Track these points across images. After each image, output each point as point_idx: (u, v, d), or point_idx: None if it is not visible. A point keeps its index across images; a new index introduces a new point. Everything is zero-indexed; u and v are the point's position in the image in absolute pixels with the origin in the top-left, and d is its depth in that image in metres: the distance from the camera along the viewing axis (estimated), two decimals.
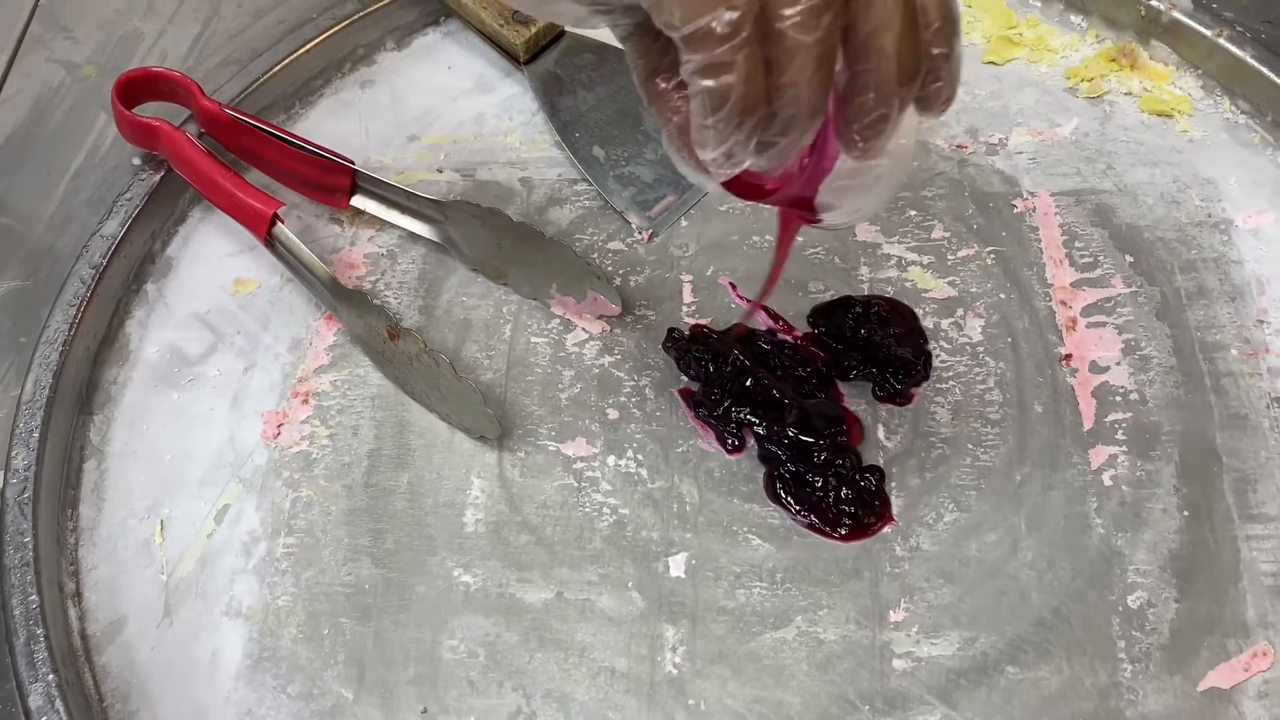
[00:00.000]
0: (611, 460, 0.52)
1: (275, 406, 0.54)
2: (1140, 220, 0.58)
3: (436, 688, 0.47)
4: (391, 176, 0.58)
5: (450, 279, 0.58)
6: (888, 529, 0.49)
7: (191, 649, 0.48)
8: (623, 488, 0.51)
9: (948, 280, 0.56)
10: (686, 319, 0.55)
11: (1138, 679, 0.45)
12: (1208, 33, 0.62)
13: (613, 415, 0.53)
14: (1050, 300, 0.55)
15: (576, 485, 0.51)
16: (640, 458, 0.52)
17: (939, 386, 0.53)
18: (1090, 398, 0.52)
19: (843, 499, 0.49)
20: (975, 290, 0.56)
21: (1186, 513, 0.49)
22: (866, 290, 0.56)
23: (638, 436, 0.52)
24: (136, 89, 0.59)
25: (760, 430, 0.51)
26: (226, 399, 0.54)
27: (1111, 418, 0.52)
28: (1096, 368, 0.53)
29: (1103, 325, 0.55)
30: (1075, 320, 0.55)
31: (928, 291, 0.56)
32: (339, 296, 0.55)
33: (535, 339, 0.55)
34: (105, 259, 0.56)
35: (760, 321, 0.55)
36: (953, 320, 0.55)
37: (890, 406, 0.52)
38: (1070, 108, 0.62)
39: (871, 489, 0.50)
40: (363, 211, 0.59)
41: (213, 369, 0.55)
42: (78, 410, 0.54)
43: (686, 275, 0.57)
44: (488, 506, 0.51)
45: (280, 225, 0.55)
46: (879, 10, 0.33)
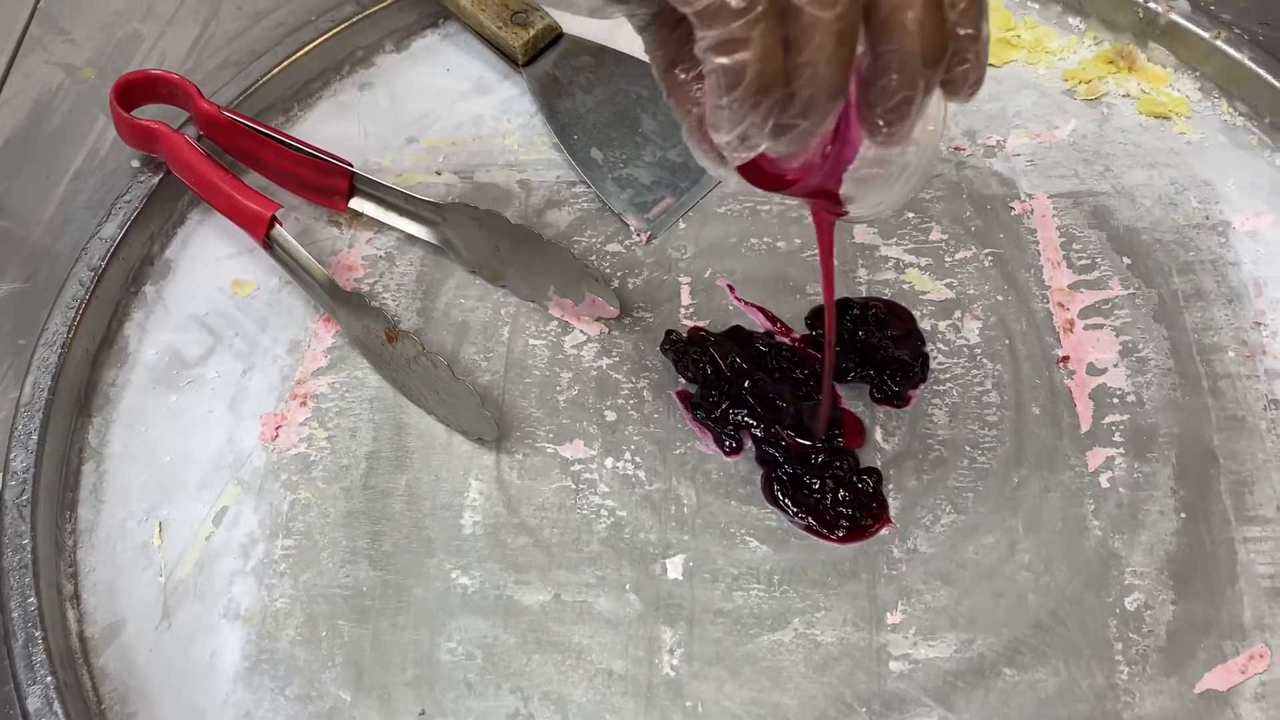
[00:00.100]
0: (609, 462, 0.52)
1: (273, 408, 0.54)
2: (1138, 222, 0.58)
3: (434, 689, 0.47)
4: (390, 179, 0.58)
5: (448, 281, 0.58)
6: (885, 531, 0.49)
7: (190, 651, 0.48)
8: (620, 490, 0.51)
9: (945, 282, 0.56)
10: (684, 321, 0.55)
11: (1135, 681, 0.45)
12: (1205, 35, 0.62)
13: (610, 417, 0.53)
14: (1048, 302, 0.55)
15: (574, 487, 0.51)
16: (638, 460, 0.52)
17: (936, 389, 0.53)
18: (1088, 400, 0.52)
19: (840, 501, 0.49)
20: (973, 292, 0.56)
21: (1183, 515, 0.49)
22: (864, 292, 0.56)
23: (635, 438, 0.52)
24: (135, 91, 0.59)
25: (758, 432, 0.51)
26: (225, 401, 0.54)
27: (1109, 420, 0.52)
28: (1094, 370, 0.53)
29: (1100, 327, 0.55)
30: (1073, 322, 0.55)
31: (925, 293, 0.56)
32: (337, 299, 0.55)
33: (533, 341, 0.55)
34: (104, 261, 0.56)
35: (758, 323, 0.55)
36: (950, 322, 0.55)
37: (888, 408, 0.52)
38: (1068, 110, 0.62)
39: (869, 491, 0.50)
40: (361, 214, 0.59)
41: (211, 371, 0.55)
42: (76, 412, 0.54)
43: (685, 277, 0.57)
44: (485, 508, 0.51)
45: (279, 227, 0.55)
46: None
